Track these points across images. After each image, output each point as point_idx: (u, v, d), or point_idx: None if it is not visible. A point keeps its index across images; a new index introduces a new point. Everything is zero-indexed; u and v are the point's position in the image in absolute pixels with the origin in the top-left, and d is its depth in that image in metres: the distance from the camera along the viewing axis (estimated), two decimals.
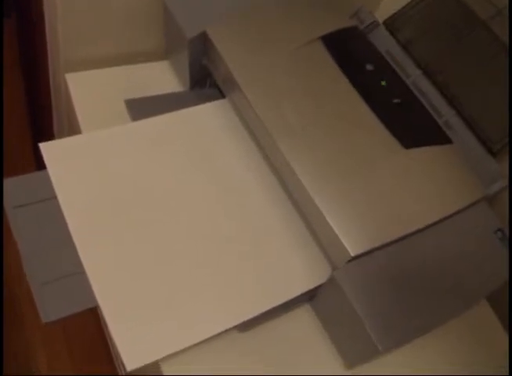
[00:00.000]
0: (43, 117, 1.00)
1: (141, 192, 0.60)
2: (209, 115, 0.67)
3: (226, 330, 0.54)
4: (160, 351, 0.52)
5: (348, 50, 0.66)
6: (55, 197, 0.57)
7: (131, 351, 0.51)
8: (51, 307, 0.53)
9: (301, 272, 0.58)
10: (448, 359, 0.63)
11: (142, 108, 0.67)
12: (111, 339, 0.52)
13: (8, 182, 0.58)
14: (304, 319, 0.61)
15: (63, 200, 0.57)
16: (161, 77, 0.75)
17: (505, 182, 0.62)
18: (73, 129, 0.75)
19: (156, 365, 0.54)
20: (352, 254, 0.51)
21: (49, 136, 0.99)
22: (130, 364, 0.50)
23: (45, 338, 1.16)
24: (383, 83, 0.64)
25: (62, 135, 0.92)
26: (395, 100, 0.63)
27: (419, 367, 0.61)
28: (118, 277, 0.54)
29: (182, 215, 0.59)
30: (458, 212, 0.57)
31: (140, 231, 0.57)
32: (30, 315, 0.52)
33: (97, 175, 0.60)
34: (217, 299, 0.55)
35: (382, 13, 0.74)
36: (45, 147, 0.60)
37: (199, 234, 0.58)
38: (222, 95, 0.69)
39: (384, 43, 0.70)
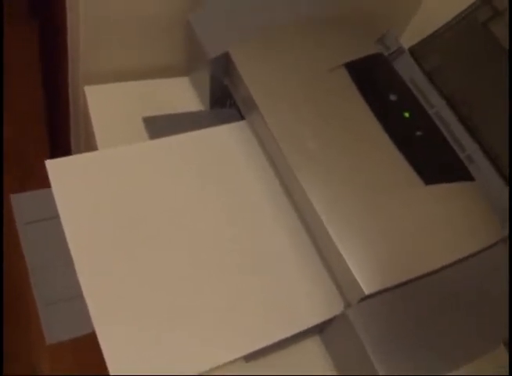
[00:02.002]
0: (61, 129, 1.00)
1: (149, 214, 0.58)
2: (227, 137, 0.66)
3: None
4: None
5: (372, 78, 0.65)
6: None
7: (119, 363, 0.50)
8: (56, 328, 0.52)
9: (313, 305, 0.57)
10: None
11: (160, 126, 0.67)
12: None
13: (20, 198, 0.57)
14: (313, 351, 0.60)
15: (64, 219, 0.56)
16: (181, 94, 0.74)
17: None
18: (89, 143, 0.75)
19: None
20: (366, 293, 0.50)
21: (66, 149, 0.98)
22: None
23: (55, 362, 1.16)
24: (406, 114, 0.63)
25: (79, 149, 0.91)
26: (418, 133, 0.62)
27: None
28: (116, 300, 0.53)
29: (190, 240, 0.58)
30: (477, 252, 0.55)
31: (145, 255, 0.56)
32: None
33: (104, 195, 0.58)
34: (223, 328, 0.54)
35: (407, 39, 0.73)
36: (50, 165, 0.58)
37: (207, 260, 0.57)
38: (242, 117, 0.68)
39: (409, 71, 0.69)
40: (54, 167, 0.58)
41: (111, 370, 0.49)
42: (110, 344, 0.51)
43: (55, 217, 0.56)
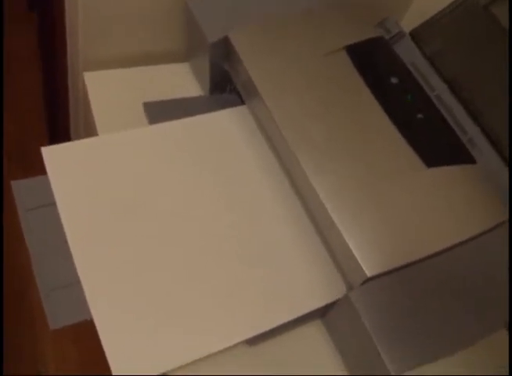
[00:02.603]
0: (60, 115, 1.00)
1: (147, 200, 0.58)
2: (227, 122, 0.65)
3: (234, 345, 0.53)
4: (157, 367, 0.50)
5: (373, 61, 0.65)
6: None
7: (122, 366, 0.49)
8: (59, 313, 0.52)
9: (315, 288, 0.57)
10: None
11: (159, 111, 0.66)
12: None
13: (21, 184, 0.57)
14: (315, 335, 0.60)
15: (61, 206, 0.55)
16: (181, 80, 0.74)
17: None
18: (89, 129, 0.75)
19: None
20: (369, 275, 0.50)
21: (66, 136, 0.98)
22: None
23: (53, 338, 1.16)
24: (407, 97, 0.62)
25: (78, 135, 0.91)
26: (419, 115, 0.61)
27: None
28: (115, 288, 0.53)
29: (189, 226, 0.58)
30: (479, 235, 0.55)
31: (142, 242, 0.56)
32: (41, 315, 0.51)
33: (102, 180, 0.58)
34: (226, 313, 0.54)
35: (408, 23, 0.72)
36: (46, 152, 0.58)
37: (207, 246, 0.57)
38: (242, 101, 0.68)
39: (410, 55, 0.68)
40: (50, 154, 0.58)
41: (111, 362, 0.49)
42: (109, 334, 0.50)
43: (56, 203, 0.56)
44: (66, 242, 0.54)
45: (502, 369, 0.61)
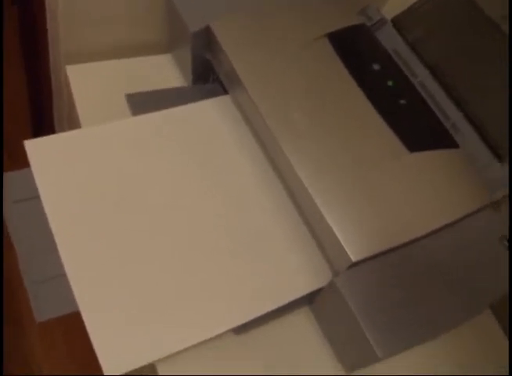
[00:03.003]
0: (44, 109, 0.99)
1: (132, 191, 0.58)
2: (210, 111, 0.65)
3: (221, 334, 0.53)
4: (145, 357, 0.50)
5: (355, 48, 0.65)
6: None
7: (111, 358, 0.49)
8: (45, 306, 0.52)
9: (300, 275, 0.57)
10: (447, 360, 0.63)
11: (142, 103, 0.66)
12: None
13: (7, 176, 0.57)
14: (303, 322, 0.60)
15: (45, 199, 0.55)
16: (164, 71, 0.74)
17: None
18: (73, 122, 0.74)
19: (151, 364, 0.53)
20: (354, 260, 0.50)
21: (51, 129, 0.98)
22: (109, 371, 0.48)
23: (44, 337, 1.16)
24: (389, 83, 0.62)
25: (62, 128, 0.90)
26: (402, 101, 0.61)
27: (418, 368, 0.61)
28: (101, 280, 0.52)
29: (174, 216, 0.57)
30: (462, 219, 0.56)
31: (128, 233, 0.55)
32: (29, 311, 0.51)
33: (86, 173, 0.58)
34: (212, 302, 0.54)
35: (390, 10, 0.72)
36: (29, 145, 0.57)
37: (193, 236, 0.57)
38: (225, 91, 0.68)
39: (392, 41, 0.69)
40: (33, 147, 0.58)
41: (100, 357, 0.49)
42: (96, 326, 0.50)
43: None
44: (51, 234, 0.54)
45: (503, 369, 0.62)
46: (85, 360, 1.08)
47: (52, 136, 0.59)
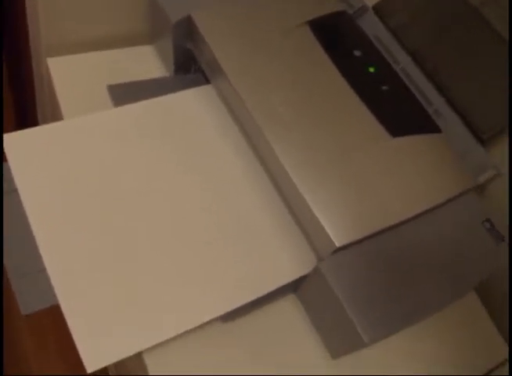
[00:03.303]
0: (27, 102, 0.99)
1: (114, 183, 0.57)
2: (193, 101, 0.65)
3: (207, 321, 0.53)
4: (129, 348, 0.50)
5: (336, 35, 0.65)
6: None
7: (92, 351, 0.49)
8: (30, 299, 0.52)
9: (286, 262, 0.57)
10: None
11: (124, 93, 0.66)
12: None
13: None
14: (289, 309, 0.60)
15: (23, 193, 0.54)
16: (146, 62, 0.73)
17: (494, 172, 0.61)
18: (56, 115, 0.74)
19: (138, 355, 0.53)
20: (338, 245, 0.50)
21: (33, 123, 0.97)
22: (90, 366, 0.48)
23: (35, 336, 1.15)
24: (371, 69, 0.63)
25: (45, 121, 0.90)
26: (384, 87, 0.62)
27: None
28: (81, 273, 0.52)
29: (157, 206, 0.57)
30: (446, 202, 0.56)
31: (109, 225, 0.55)
32: (16, 305, 0.51)
33: (67, 165, 0.57)
34: (197, 290, 0.54)
35: None
36: (8, 139, 0.57)
37: (177, 224, 0.57)
38: (207, 81, 0.68)
39: (373, 28, 0.69)
40: (11, 141, 0.57)
41: (81, 350, 0.49)
42: (77, 318, 0.50)
43: None
44: None
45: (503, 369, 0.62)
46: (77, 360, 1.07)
47: (30, 129, 0.59)
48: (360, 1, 0.70)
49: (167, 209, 0.57)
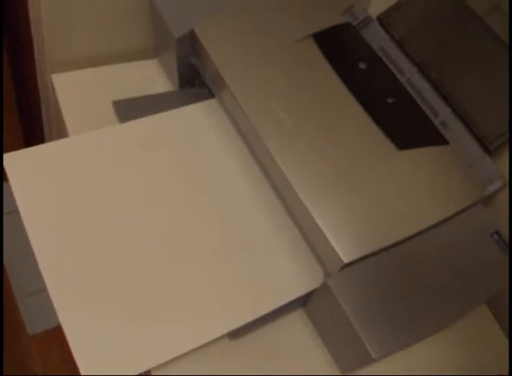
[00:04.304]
0: (34, 118, 0.99)
1: (119, 199, 0.57)
2: (198, 116, 0.65)
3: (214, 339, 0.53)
4: (134, 368, 0.49)
5: (341, 48, 0.65)
6: None
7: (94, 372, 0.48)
8: (37, 318, 0.52)
9: (293, 278, 0.57)
10: (447, 360, 0.62)
11: (129, 109, 0.66)
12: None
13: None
14: (298, 325, 0.60)
15: (24, 214, 0.54)
16: (150, 77, 0.73)
17: (501, 182, 0.60)
18: (61, 131, 0.74)
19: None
20: (345, 261, 0.50)
21: (40, 139, 0.97)
22: None
23: (40, 341, 1.15)
24: (376, 82, 0.62)
25: (51, 138, 0.90)
26: (389, 100, 0.61)
27: (417, 368, 0.61)
28: (83, 295, 0.51)
29: (163, 222, 0.57)
30: (454, 216, 0.55)
31: (112, 242, 0.55)
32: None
33: (70, 183, 0.57)
34: (204, 307, 0.54)
35: (375, 9, 0.72)
36: (8, 159, 0.56)
37: (184, 240, 0.56)
38: (212, 95, 0.68)
39: (378, 39, 0.69)
40: (12, 160, 0.56)
41: (81, 368, 0.48)
42: (79, 340, 0.49)
43: None
44: None
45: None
46: None
47: (32, 148, 0.58)
48: (364, 12, 0.70)
49: (173, 225, 0.57)
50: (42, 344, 1.16)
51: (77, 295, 0.51)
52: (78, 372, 0.48)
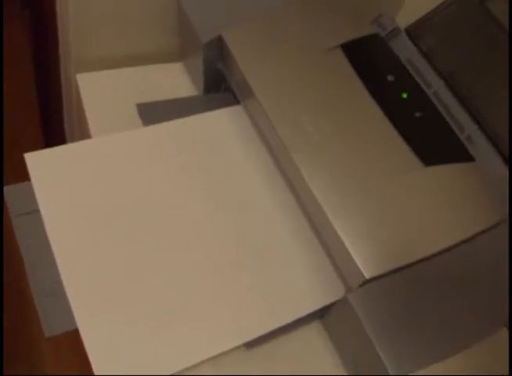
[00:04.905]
0: (55, 118, 0.99)
1: (139, 203, 0.57)
2: (222, 122, 0.65)
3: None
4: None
5: (369, 59, 0.64)
6: None
7: None
8: (54, 321, 0.51)
9: (313, 290, 0.56)
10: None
11: (153, 112, 0.65)
12: None
13: (11, 189, 0.56)
14: (314, 337, 0.59)
15: (45, 214, 0.54)
16: (175, 80, 0.73)
17: None
18: (83, 131, 0.74)
19: None
20: (367, 277, 0.49)
21: (61, 138, 0.97)
22: None
23: (51, 341, 1.15)
24: (404, 95, 0.62)
25: (72, 138, 0.90)
26: (416, 114, 0.61)
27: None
28: (101, 296, 0.51)
29: (184, 228, 0.57)
30: (478, 234, 0.55)
31: (132, 246, 0.54)
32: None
33: (90, 185, 0.57)
34: (222, 316, 0.53)
35: (403, 19, 0.71)
36: (30, 158, 0.56)
37: (203, 249, 0.56)
38: (237, 101, 0.67)
39: (406, 51, 0.68)
40: (34, 160, 0.56)
41: (96, 370, 0.48)
42: (96, 345, 0.49)
43: None
44: None
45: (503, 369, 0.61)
46: None
47: (53, 148, 0.58)
48: (392, 22, 0.69)
49: (194, 234, 0.56)
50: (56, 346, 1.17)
51: (94, 297, 0.51)
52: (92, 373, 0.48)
